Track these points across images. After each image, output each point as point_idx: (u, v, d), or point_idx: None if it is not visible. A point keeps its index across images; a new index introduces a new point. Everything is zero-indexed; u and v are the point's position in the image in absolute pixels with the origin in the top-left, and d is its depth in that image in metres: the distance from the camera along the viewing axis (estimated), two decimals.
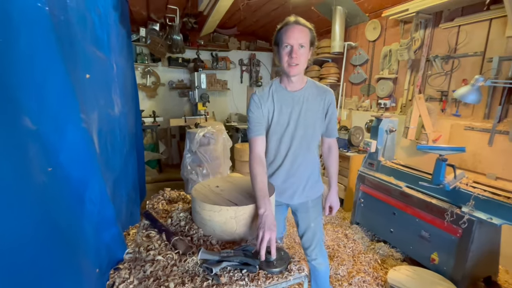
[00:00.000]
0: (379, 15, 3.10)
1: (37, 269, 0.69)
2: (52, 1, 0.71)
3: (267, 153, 1.37)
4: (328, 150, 1.47)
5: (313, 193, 1.43)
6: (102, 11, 1.41)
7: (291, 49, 1.15)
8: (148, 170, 4.12)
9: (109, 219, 1.13)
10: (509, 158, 2.12)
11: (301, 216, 1.46)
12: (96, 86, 1.12)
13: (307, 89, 1.29)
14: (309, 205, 1.44)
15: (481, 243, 1.76)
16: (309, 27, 1.18)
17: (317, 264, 1.51)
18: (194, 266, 0.95)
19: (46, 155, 0.71)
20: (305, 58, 1.19)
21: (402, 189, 2.15)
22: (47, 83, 0.66)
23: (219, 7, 2.82)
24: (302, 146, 1.33)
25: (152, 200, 1.50)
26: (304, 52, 1.17)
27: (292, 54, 1.14)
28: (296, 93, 1.28)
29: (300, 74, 1.24)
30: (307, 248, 1.50)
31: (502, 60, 2.16)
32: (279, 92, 1.28)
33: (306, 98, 1.28)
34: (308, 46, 1.18)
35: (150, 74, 4.56)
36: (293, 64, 1.16)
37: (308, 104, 1.29)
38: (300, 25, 1.16)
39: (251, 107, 1.27)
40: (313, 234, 1.47)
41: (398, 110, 3.10)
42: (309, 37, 1.18)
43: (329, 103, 1.33)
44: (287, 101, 1.28)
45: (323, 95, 1.31)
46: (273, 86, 1.29)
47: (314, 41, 1.21)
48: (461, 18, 2.42)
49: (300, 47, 1.15)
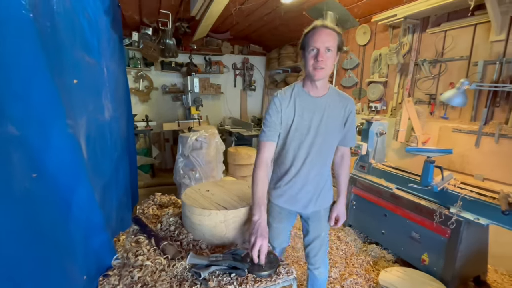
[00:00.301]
0: (369, 20, 3.17)
1: (20, 278, 0.68)
2: (37, 8, 0.71)
3: (285, 159, 1.30)
4: (340, 159, 1.43)
5: (326, 202, 1.40)
6: (92, 16, 1.41)
7: (317, 52, 1.11)
8: (141, 175, 4.08)
9: (98, 225, 1.11)
10: (495, 159, 2.17)
11: (313, 225, 1.40)
12: (85, 91, 1.12)
13: (329, 95, 1.25)
14: (322, 214, 1.39)
15: (469, 243, 1.79)
16: (338, 31, 1.15)
17: (318, 273, 1.46)
18: (182, 271, 0.95)
19: (31, 161, 0.71)
20: (331, 62, 1.15)
21: (393, 191, 2.18)
22: (31, 90, 0.66)
23: (211, 12, 2.85)
24: (321, 154, 1.28)
25: (142, 205, 1.50)
26: (331, 56, 1.14)
27: (318, 57, 1.11)
28: (319, 99, 1.23)
29: (325, 79, 1.20)
30: (313, 256, 1.44)
31: (487, 64, 2.22)
32: (302, 96, 1.23)
33: (328, 104, 1.24)
34: (335, 50, 1.15)
35: (143, 78, 4.55)
36: (319, 68, 1.13)
37: (329, 111, 1.24)
38: (327, 28, 1.13)
39: (270, 110, 1.23)
40: (321, 243, 1.42)
41: (389, 113, 3.15)
42: (337, 41, 1.14)
43: (350, 112, 1.29)
44: (309, 106, 1.23)
45: (344, 103, 1.27)
46: (295, 89, 1.25)
47: (342, 46, 1.17)
48: (447, 23, 2.49)
49: (326, 51, 1.12)
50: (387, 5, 2.87)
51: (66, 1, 0.98)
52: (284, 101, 1.22)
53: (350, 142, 1.38)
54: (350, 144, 1.39)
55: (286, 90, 1.26)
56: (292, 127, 1.23)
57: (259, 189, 1.13)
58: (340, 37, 1.15)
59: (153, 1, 3.21)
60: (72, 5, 1.04)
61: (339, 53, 1.19)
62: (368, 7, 3.06)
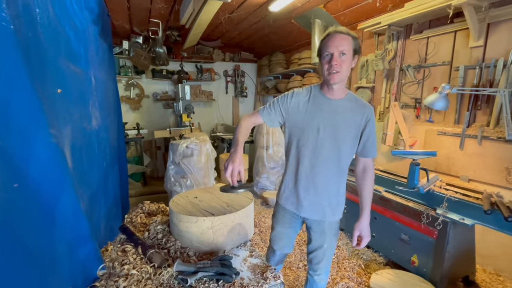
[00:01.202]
0: (355, 27, 3.25)
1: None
2: (19, 19, 0.72)
3: (294, 157, 1.30)
4: (362, 171, 1.31)
5: (332, 215, 1.33)
6: (79, 26, 1.42)
7: (331, 57, 1.12)
8: (132, 183, 4.04)
9: (84, 236, 1.10)
10: (479, 161, 2.23)
11: (315, 236, 1.37)
12: (70, 100, 1.12)
13: (346, 100, 1.24)
14: (325, 226, 1.34)
15: (456, 243, 1.83)
16: (352, 35, 1.15)
17: (319, 279, 1.43)
18: (169, 279, 0.95)
19: (12, 171, 0.71)
20: (347, 66, 1.14)
21: (381, 194, 2.22)
22: (12, 100, 0.67)
23: (200, 21, 2.89)
24: (330, 159, 1.25)
25: (130, 213, 1.49)
26: (346, 60, 1.13)
27: (331, 62, 1.11)
28: (334, 101, 1.23)
29: (341, 83, 1.20)
30: (315, 263, 1.41)
31: (468, 69, 2.31)
32: (318, 97, 1.24)
33: (343, 109, 1.22)
34: (351, 54, 1.14)
35: (134, 86, 4.54)
36: (333, 72, 1.13)
37: (344, 116, 1.22)
38: (341, 33, 1.13)
39: (280, 98, 1.27)
40: (323, 253, 1.38)
41: (377, 117, 3.21)
42: (352, 45, 1.14)
43: (368, 120, 1.23)
44: (322, 106, 1.23)
45: (362, 110, 1.23)
46: (313, 90, 1.27)
47: (358, 49, 1.17)
48: (429, 30, 2.58)
49: (341, 55, 1.12)
50: (372, 13, 2.96)
51: (51, 12, 0.99)
52: (299, 97, 1.26)
53: (371, 152, 1.27)
54: (371, 155, 1.28)
55: (305, 88, 1.29)
56: (301, 123, 1.24)
57: (240, 133, 1.22)
58: (356, 41, 1.15)
59: (143, 10, 3.24)
60: (57, 16, 1.06)
61: (356, 57, 1.18)
62: (354, 15, 3.15)
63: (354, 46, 1.15)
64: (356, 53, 1.17)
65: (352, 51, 1.14)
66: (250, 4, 3.00)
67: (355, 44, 1.15)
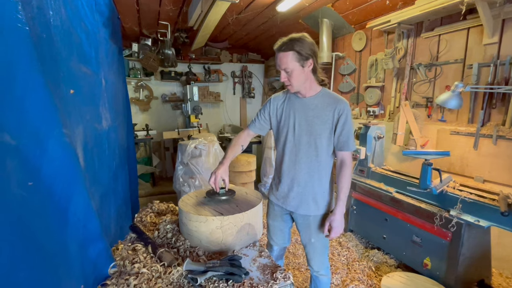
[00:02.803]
0: (364, 26, 3.21)
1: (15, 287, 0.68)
2: (33, 21, 0.74)
3: (279, 155, 1.42)
4: (340, 165, 1.36)
5: (316, 210, 1.37)
6: (90, 28, 1.45)
7: (281, 73, 1.24)
8: (142, 183, 4.09)
9: (95, 234, 1.12)
10: (494, 161, 2.16)
11: (302, 230, 1.44)
12: (82, 101, 1.14)
13: (318, 97, 1.30)
14: (311, 221, 1.38)
15: (471, 246, 1.77)
16: (294, 50, 1.17)
17: (319, 275, 1.49)
18: (179, 278, 0.95)
19: (27, 169, 0.72)
20: (295, 79, 1.22)
21: (393, 195, 2.17)
22: (27, 100, 0.68)
23: (208, 22, 2.90)
24: (308, 154, 1.31)
25: (140, 213, 1.50)
26: (292, 74, 1.20)
27: (282, 79, 1.23)
28: (305, 99, 1.31)
29: (301, 88, 1.27)
30: (309, 259, 1.48)
31: (482, 67, 2.24)
32: (292, 98, 1.35)
33: (315, 105, 1.29)
34: (296, 66, 1.19)
35: (143, 88, 4.61)
36: (287, 85, 1.26)
37: (316, 111, 1.28)
38: (280, 51, 1.19)
39: (263, 106, 1.43)
40: (313, 248, 1.43)
41: (387, 117, 3.16)
42: (295, 58, 1.18)
43: (340, 113, 1.26)
44: (296, 105, 1.32)
45: (334, 104, 1.27)
46: (288, 92, 1.36)
47: (308, 53, 1.19)
48: (441, 27, 2.52)
49: (285, 72, 1.21)
50: (381, 11, 2.92)
51: (63, 14, 1.01)
52: (276, 101, 1.39)
53: (346, 146, 1.30)
54: (347, 148, 1.31)
55: (282, 92, 1.41)
56: (280, 124, 1.37)
57: (230, 147, 1.44)
58: (300, 49, 1.17)
59: (152, 12, 3.29)
60: (69, 18, 1.08)
61: (308, 61, 1.21)
62: (362, 13, 3.12)
63: (298, 56, 1.18)
64: (307, 58, 1.20)
65: (297, 62, 1.19)
66: (257, 4, 3.00)
67: (300, 52, 1.18)
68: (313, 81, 1.28)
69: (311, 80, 1.27)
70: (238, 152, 1.46)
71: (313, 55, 1.21)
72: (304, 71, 1.21)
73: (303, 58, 1.19)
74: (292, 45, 1.17)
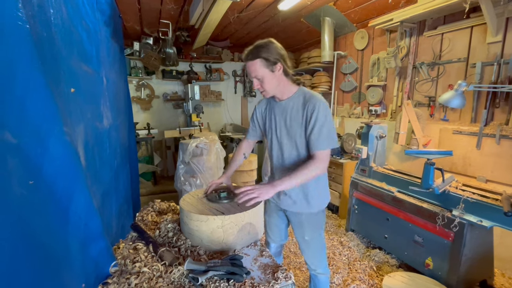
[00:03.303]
0: (366, 25, 3.20)
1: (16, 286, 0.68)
2: (34, 19, 0.73)
3: (269, 156, 1.49)
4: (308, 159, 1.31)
5: (308, 207, 1.37)
6: (92, 27, 1.45)
7: (253, 81, 1.26)
8: (143, 182, 4.09)
9: (96, 233, 1.12)
10: (497, 161, 2.15)
11: (295, 227, 1.47)
12: (83, 99, 1.14)
13: (293, 99, 1.32)
14: (303, 218, 1.40)
15: (473, 246, 1.76)
16: (261, 57, 1.18)
17: (317, 273, 1.50)
18: (180, 277, 0.95)
19: (27, 168, 0.72)
20: (268, 84, 1.24)
21: (394, 194, 2.16)
22: (27, 98, 0.68)
23: (210, 21, 2.90)
24: (292, 154, 1.35)
25: (141, 212, 1.50)
26: (264, 81, 1.23)
27: (255, 86, 1.26)
28: (281, 102, 1.34)
29: (276, 92, 1.30)
30: (305, 258, 1.50)
31: (485, 65, 2.22)
32: (272, 102, 1.40)
33: (291, 107, 1.31)
34: (266, 72, 1.21)
35: (144, 87, 4.61)
36: (261, 91, 1.29)
37: (292, 113, 1.31)
38: (249, 60, 1.21)
39: (252, 114, 1.52)
40: (307, 246, 1.45)
41: (389, 116, 3.15)
42: (263, 64, 1.19)
43: (311, 111, 1.23)
44: (275, 110, 1.38)
45: (306, 104, 1.26)
46: (270, 98, 1.40)
47: (275, 57, 1.20)
48: (444, 26, 2.50)
49: (257, 80, 1.24)
50: (384, 9, 2.90)
51: (64, 12, 1.01)
52: (260, 108, 1.47)
53: (314, 145, 1.23)
54: (316, 148, 1.23)
55: (265, 98, 1.44)
56: (266, 129, 1.45)
57: (231, 161, 1.54)
58: (267, 56, 1.18)
59: (154, 11, 3.28)
60: (70, 16, 1.07)
61: (277, 65, 1.21)
62: (365, 12, 3.10)
63: (266, 63, 1.20)
64: (275, 63, 1.20)
65: (266, 69, 1.21)
66: (259, 3, 2.99)
67: (267, 59, 1.19)
68: (287, 83, 1.30)
69: (284, 83, 1.29)
70: (240, 161, 1.56)
71: (281, 59, 1.22)
72: (275, 75, 1.23)
73: (272, 63, 1.20)
74: (258, 52, 1.19)
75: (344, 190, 3.07)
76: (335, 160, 3.15)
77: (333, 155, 3.29)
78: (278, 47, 1.23)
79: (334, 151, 3.29)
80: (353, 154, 3.19)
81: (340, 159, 3.14)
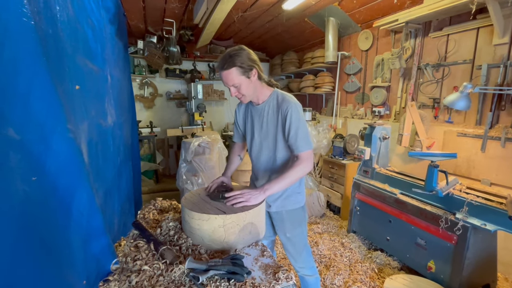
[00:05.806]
0: (371, 25, 3.18)
1: (18, 282, 0.68)
2: (39, 15, 0.73)
3: (250, 158, 1.50)
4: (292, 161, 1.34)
5: (288, 203, 1.42)
6: (97, 24, 1.45)
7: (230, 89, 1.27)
8: (145, 180, 4.11)
9: (98, 230, 1.12)
10: (502, 164, 2.12)
11: (276, 225, 1.49)
12: (87, 97, 1.14)
13: (268, 102, 1.35)
14: (284, 215, 1.44)
15: (477, 249, 1.74)
16: (236, 65, 1.18)
17: (304, 275, 1.52)
18: (180, 276, 0.94)
19: (31, 164, 0.72)
20: (245, 90, 1.25)
21: (397, 196, 2.15)
22: (31, 95, 0.68)
23: (214, 20, 2.90)
24: (270, 157, 1.39)
25: (143, 210, 1.50)
26: (240, 87, 1.23)
27: (232, 94, 1.27)
28: (258, 106, 1.37)
29: (253, 97, 1.33)
30: (289, 257, 1.51)
31: (491, 67, 2.20)
32: (249, 106, 1.43)
33: (266, 111, 1.35)
34: (242, 79, 1.21)
35: (147, 85, 4.62)
36: (240, 98, 1.31)
37: (268, 117, 1.35)
38: (224, 70, 1.20)
39: (234, 117, 1.56)
40: (290, 244, 1.47)
41: (392, 118, 3.13)
42: (239, 72, 1.19)
43: (285, 114, 1.26)
44: (252, 113, 1.41)
45: (281, 107, 1.29)
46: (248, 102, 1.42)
47: (249, 64, 1.20)
48: (449, 27, 2.48)
49: (234, 87, 1.24)
50: (389, 10, 2.88)
51: (70, 10, 1.01)
52: (239, 110, 1.50)
53: (295, 148, 1.26)
54: (296, 150, 1.26)
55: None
56: (246, 131, 1.48)
57: (228, 163, 1.58)
58: (241, 63, 1.18)
59: (158, 10, 3.29)
60: (76, 14, 1.08)
61: (252, 71, 1.22)
62: (369, 12, 3.08)
63: (241, 70, 1.20)
64: (250, 69, 1.21)
65: (242, 76, 1.21)
66: (263, 2, 2.98)
67: (242, 66, 1.19)
68: (261, 87, 1.32)
69: (260, 87, 1.32)
70: (237, 163, 1.59)
71: (254, 64, 1.23)
72: (252, 81, 1.25)
73: (247, 70, 1.21)
74: (233, 61, 1.18)
75: (346, 191, 3.06)
76: (338, 161, 3.13)
77: (335, 155, 3.27)
78: (250, 53, 1.24)
79: (336, 151, 3.28)
80: (355, 155, 3.17)
81: (342, 160, 3.13)
